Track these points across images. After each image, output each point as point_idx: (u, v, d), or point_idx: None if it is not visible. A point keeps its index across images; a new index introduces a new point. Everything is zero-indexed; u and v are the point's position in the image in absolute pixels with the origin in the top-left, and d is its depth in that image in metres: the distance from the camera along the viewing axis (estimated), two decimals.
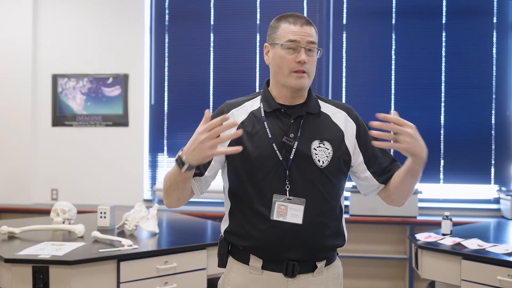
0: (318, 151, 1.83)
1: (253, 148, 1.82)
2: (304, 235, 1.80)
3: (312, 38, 1.85)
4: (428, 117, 5.08)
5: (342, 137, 1.89)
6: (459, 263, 3.05)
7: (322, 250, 1.85)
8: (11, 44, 5.32)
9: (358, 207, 4.71)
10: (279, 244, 1.79)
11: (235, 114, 1.89)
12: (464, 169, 5.03)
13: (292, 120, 1.86)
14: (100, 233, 3.09)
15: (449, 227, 3.47)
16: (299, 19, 1.86)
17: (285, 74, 1.84)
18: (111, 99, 5.34)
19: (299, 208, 1.78)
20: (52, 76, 5.40)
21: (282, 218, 1.77)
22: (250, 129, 1.85)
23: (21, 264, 2.60)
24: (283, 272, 1.81)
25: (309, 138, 1.84)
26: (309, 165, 1.81)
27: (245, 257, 1.85)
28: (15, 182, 5.33)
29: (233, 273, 1.88)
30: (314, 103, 1.92)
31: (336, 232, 1.88)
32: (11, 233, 3.12)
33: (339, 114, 1.93)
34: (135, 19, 5.34)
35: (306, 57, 1.83)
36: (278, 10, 5.20)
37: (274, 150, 1.81)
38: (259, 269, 1.83)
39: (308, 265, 1.84)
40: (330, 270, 1.92)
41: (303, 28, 1.84)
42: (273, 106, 1.88)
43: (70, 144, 5.39)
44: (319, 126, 1.88)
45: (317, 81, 5.16)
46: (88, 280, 2.64)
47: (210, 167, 1.85)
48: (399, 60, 5.13)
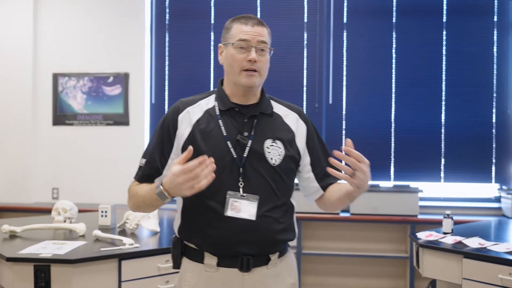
0: (270, 150, 1.90)
1: (207, 146, 1.87)
2: (258, 230, 1.85)
3: (263, 38, 1.91)
4: (428, 116, 5.08)
5: (293, 138, 1.97)
6: (460, 261, 3.05)
7: (274, 244, 1.91)
8: (11, 43, 5.32)
9: (358, 206, 4.71)
10: (234, 240, 1.84)
11: (190, 112, 1.94)
12: (465, 168, 5.03)
13: (246, 119, 1.92)
14: (101, 232, 3.09)
15: (450, 225, 3.47)
16: (251, 19, 1.93)
17: (236, 72, 1.90)
18: (112, 98, 5.34)
19: (252, 205, 1.84)
20: (53, 75, 5.40)
21: (236, 215, 1.82)
22: (205, 127, 1.90)
23: (23, 263, 2.59)
24: (238, 267, 1.86)
25: (262, 137, 1.91)
26: (262, 163, 1.88)
27: (199, 256, 1.90)
28: (15, 181, 5.34)
29: (189, 274, 1.92)
30: (267, 103, 1.99)
31: (287, 227, 1.94)
32: (13, 232, 3.12)
33: (291, 115, 2.01)
34: (136, 18, 5.34)
35: (257, 56, 1.88)
36: (279, 8, 5.25)
37: (229, 148, 1.87)
38: (214, 266, 1.88)
39: (262, 258, 1.90)
40: (283, 261, 1.98)
41: (254, 28, 1.91)
42: (227, 105, 1.94)
43: (71, 143, 5.39)
44: (271, 125, 1.95)
45: (318, 80, 5.16)
46: (90, 279, 2.63)
47: (167, 166, 1.92)
48: (399, 59, 5.12)
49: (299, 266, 4.80)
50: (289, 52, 5.21)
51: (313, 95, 5.18)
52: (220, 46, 1.97)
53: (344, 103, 5.17)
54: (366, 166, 1.76)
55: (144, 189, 1.86)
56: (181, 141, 1.90)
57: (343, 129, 5.15)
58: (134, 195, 1.93)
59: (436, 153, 5.05)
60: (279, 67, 5.23)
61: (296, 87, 5.21)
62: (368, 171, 1.76)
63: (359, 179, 1.76)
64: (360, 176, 1.75)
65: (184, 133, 1.90)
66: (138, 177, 1.96)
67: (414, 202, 4.69)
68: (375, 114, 5.12)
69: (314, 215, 4.75)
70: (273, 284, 1.91)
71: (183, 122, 1.91)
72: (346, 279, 4.97)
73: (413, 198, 4.71)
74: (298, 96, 5.20)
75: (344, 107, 5.17)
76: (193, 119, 1.92)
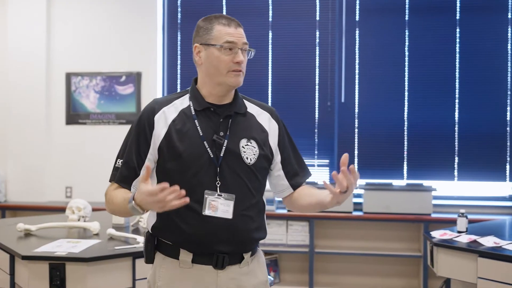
0: (246, 149, 1.93)
1: (184, 146, 1.89)
2: (234, 228, 1.88)
3: (245, 39, 1.95)
4: (442, 114, 5.04)
5: (266, 137, 2.01)
6: (475, 260, 3.03)
7: (249, 243, 1.95)
8: (25, 43, 5.36)
9: (371, 205, 4.69)
10: (210, 238, 1.87)
11: (166, 112, 1.95)
12: (479, 166, 4.99)
13: (221, 119, 1.94)
14: (115, 231, 3.10)
15: (464, 224, 3.44)
16: (232, 21, 1.95)
17: (223, 73, 1.92)
18: (124, 97, 5.37)
19: (229, 204, 1.87)
20: (66, 75, 5.43)
21: (213, 213, 1.85)
22: (180, 127, 1.92)
23: (38, 261, 2.61)
24: (213, 264, 1.89)
25: (237, 137, 1.94)
26: (238, 162, 1.91)
27: (175, 252, 1.92)
28: (29, 180, 5.38)
29: (164, 269, 1.94)
30: (240, 103, 2.02)
31: (260, 225, 1.98)
32: (28, 230, 3.14)
33: (263, 115, 2.05)
34: (148, 17, 5.36)
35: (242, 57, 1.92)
36: (291, 7, 5.25)
37: (205, 148, 1.90)
38: (189, 262, 1.90)
39: (236, 256, 1.93)
40: (255, 260, 2.01)
41: (237, 30, 1.93)
42: (203, 105, 1.95)
43: (84, 142, 5.42)
44: (246, 125, 1.99)
45: (330, 78, 5.14)
46: (104, 277, 2.65)
47: (144, 167, 1.90)
48: (412, 57, 5.10)
49: (312, 265, 4.79)
50: (301, 50, 5.21)
51: (325, 94, 5.17)
52: (197, 46, 1.95)
53: (356, 102, 5.15)
54: (356, 180, 1.79)
55: (119, 199, 1.88)
56: (158, 141, 1.91)
57: (356, 127, 5.13)
58: (109, 202, 1.96)
59: (450, 151, 5.02)
60: (291, 65, 5.23)
61: (308, 85, 5.19)
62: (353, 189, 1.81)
63: (345, 197, 1.81)
64: (348, 195, 1.80)
65: (161, 133, 1.92)
66: (115, 179, 1.97)
67: (427, 201, 4.66)
68: (388, 112, 5.09)
69: (326, 213, 4.74)
70: (246, 282, 1.95)
71: (159, 122, 1.93)
72: (359, 278, 4.95)
73: (426, 196, 4.68)
74: (310, 95, 5.19)
75: (357, 105, 5.15)
76: (168, 119, 1.93)
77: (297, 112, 5.19)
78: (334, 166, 5.10)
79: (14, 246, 2.84)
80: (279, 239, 4.89)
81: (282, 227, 4.88)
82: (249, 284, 1.95)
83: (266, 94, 5.20)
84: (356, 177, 1.77)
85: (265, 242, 4.85)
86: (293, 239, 4.88)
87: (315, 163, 5.15)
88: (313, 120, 5.18)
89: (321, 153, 5.15)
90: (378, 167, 5.10)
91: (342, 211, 4.73)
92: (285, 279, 5.06)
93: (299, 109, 5.20)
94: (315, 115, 5.18)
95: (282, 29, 5.23)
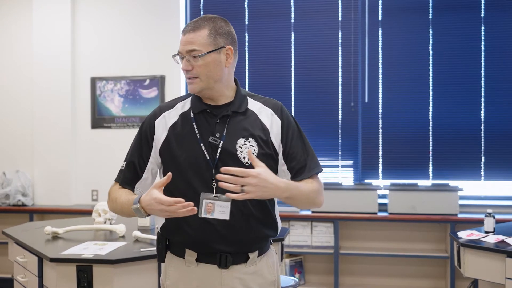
0: (243, 149, 1.92)
1: (181, 149, 1.93)
2: (234, 228, 1.89)
3: (191, 46, 1.91)
4: (468, 113, 4.98)
5: (267, 134, 1.96)
6: (503, 261, 2.98)
7: (253, 241, 1.95)
8: (51, 49, 5.43)
9: (397, 205, 4.65)
10: (210, 239, 1.90)
11: (166, 117, 2.01)
12: (506, 165, 4.92)
13: (218, 120, 1.95)
14: (140, 233, 3.13)
15: (492, 224, 3.40)
16: (187, 27, 1.97)
17: None
18: (148, 100, 5.41)
19: (226, 205, 1.85)
20: (91, 79, 5.50)
21: (209, 215, 1.85)
22: (180, 131, 1.96)
23: (66, 263, 2.65)
24: (217, 263, 1.91)
25: (234, 137, 1.93)
26: (234, 163, 1.88)
27: (181, 251, 1.96)
28: (56, 184, 5.45)
29: (172, 268, 1.99)
30: (240, 101, 2.00)
31: (266, 223, 1.97)
32: (55, 233, 3.19)
33: (265, 111, 2.00)
34: (171, 20, 5.39)
35: (192, 63, 1.92)
36: (313, 8, 5.24)
37: (202, 150, 1.92)
38: (194, 262, 1.94)
39: (241, 256, 1.94)
40: (263, 259, 2.00)
41: (185, 37, 1.94)
42: (199, 107, 1.98)
43: (109, 145, 5.47)
44: (245, 124, 1.96)
45: (353, 79, 5.12)
46: (130, 279, 2.67)
47: (146, 169, 2.01)
48: (436, 56, 5.04)
49: (337, 266, 4.77)
50: (324, 51, 5.19)
51: (348, 94, 5.14)
52: None
53: (380, 102, 5.12)
54: (254, 178, 1.74)
55: (123, 199, 1.95)
56: (158, 146, 1.98)
57: (380, 127, 5.10)
58: (113, 200, 2.02)
59: (476, 150, 4.95)
60: (314, 66, 5.22)
61: (331, 86, 5.17)
62: (258, 181, 1.75)
63: (251, 192, 1.75)
64: (251, 189, 1.75)
65: (161, 138, 1.98)
66: (119, 180, 2.06)
67: (454, 201, 4.61)
68: (412, 112, 5.04)
69: (351, 214, 4.72)
70: (252, 282, 1.95)
71: (159, 127, 1.99)
72: (384, 279, 4.91)
73: (452, 197, 4.63)
74: (333, 96, 5.17)
75: (381, 105, 5.12)
76: (168, 123, 1.99)
77: (320, 113, 5.17)
78: (358, 167, 5.07)
79: (42, 248, 2.88)
80: (304, 241, 4.88)
81: (307, 228, 4.87)
82: (254, 283, 1.95)
83: (289, 96, 5.19)
84: (239, 172, 1.74)
85: (290, 244, 4.85)
86: (317, 240, 4.87)
87: (339, 163, 5.12)
88: (336, 121, 5.16)
89: (345, 154, 5.11)
90: (403, 167, 5.06)
91: (367, 212, 4.71)
92: (310, 280, 5.05)
93: (323, 110, 5.18)
94: (339, 116, 5.16)
95: (304, 30, 5.22)
